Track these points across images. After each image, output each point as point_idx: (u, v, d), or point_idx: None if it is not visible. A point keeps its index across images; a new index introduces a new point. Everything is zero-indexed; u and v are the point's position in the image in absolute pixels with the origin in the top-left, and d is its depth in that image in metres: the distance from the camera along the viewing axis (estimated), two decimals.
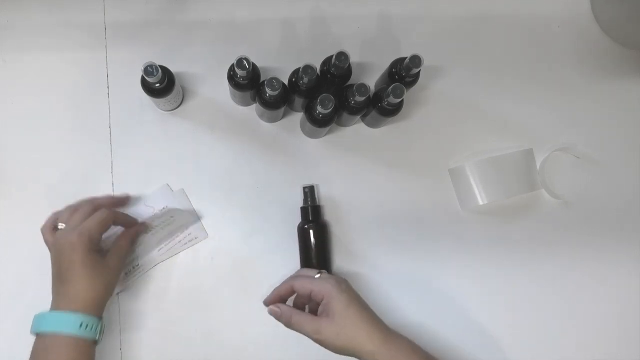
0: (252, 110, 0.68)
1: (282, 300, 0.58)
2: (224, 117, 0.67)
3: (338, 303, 0.52)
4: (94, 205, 0.58)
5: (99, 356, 0.63)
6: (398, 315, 0.66)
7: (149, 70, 0.55)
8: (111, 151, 0.65)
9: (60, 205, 0.64)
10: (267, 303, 0.58)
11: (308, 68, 0.56)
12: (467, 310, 0.67)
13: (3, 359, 0.62)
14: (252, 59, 0.57)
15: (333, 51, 0.58)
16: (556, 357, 0.68)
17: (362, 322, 0.52)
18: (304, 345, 0.65)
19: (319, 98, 0.56)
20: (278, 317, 0.56)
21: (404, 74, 0.61)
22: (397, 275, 0.67)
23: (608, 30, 0.74)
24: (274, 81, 0.56)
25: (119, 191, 0.65)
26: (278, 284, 0.58)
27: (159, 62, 0.56)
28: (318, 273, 0.57)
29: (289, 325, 0.55)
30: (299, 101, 0.63)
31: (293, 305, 0.59)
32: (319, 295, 0.54)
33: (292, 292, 0.57)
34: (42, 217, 0.64)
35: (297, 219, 0.65)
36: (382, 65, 0.66)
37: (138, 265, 0.64)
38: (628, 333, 0.70)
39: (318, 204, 0.66)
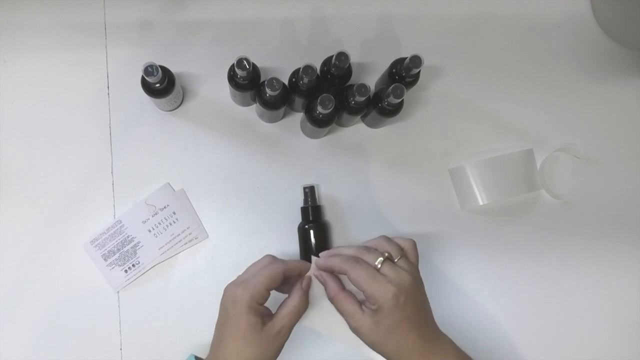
0: (252, 110, 0.68)
1: (332, 271, 0.50)
2: (224, 117, 0.68)
3: (388, 319, 0.46)
4: (271, 260, 0.51)
5: (99, 356, 0.63)
6: None
7: (149, 70, 0.55)
8: (111, 151, 0.65)
9: (59, 205, 0.64)
10: (319, 266, 0.50)
11: (308, 68, 0.56)
12: (467, 310, 0.67)
13: (2, 359, 0.62)
14: (252, 59, 0.57)
15: (333, 51, 0.58)
16: (556, 357, 0.68)
17: (408, 338, 0.47)
18: (303, 344, 0.65)
19: (319, 98, 0.56)
20: (322, 283, 0.50)
21: (404, 74, 0.61)
22: None
23: (608, 30, 0.74)
24: (274, 81, 0.56)
25: (119, 191, 0.65)
26: None
27: (159, 62, 0.56)
28: (381, 258, 0.48)
29: (330, 300, 0.49)
30: (299, 101, 0.63)
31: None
32: (371, 300, 0.47)
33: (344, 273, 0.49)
34: (42, 217, 0.64)
35: (297, 219, 0.65)
36: (382, 65, 0.66)
37: (138, 264, 0.64)
38: (628, 332, 0.70)
39: (318, 203, 0.66)
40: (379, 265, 0.48)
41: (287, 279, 0.51)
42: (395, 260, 0.49)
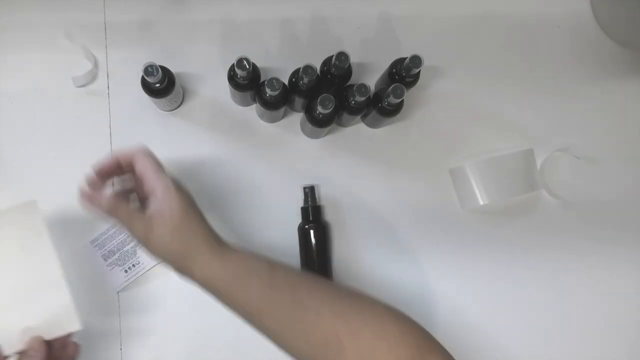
0: (252, 110, 0.68)
1: (107, 174, 0.51)
2: (224, 117, 0.68)
3: (174, 201, 0.46)
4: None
5: (99, 357, 0.63)
6: None
7: (149, 70, 0.55)
8: (111, 151, 0.65)
9: (59, 205, 0.64)
10: (89, 181, 0.50)
11: (308, 68, 0.56)
12: (467, 310, 0.67)
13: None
14: (252, 59, 0.57)
15: (333, 51, 0.58)
16: (555, 357, 0.68)
17: (198, 227, 0.47)
18: None
19: (319, 98, 0.56)
20: (91, 202, 0.49)
21: (404, 74, 0.61)
22: (397, 275, 0.67)
23: (608, 30, 0.74)
24: (274, 81, 0.56)
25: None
26: None
27: (159, 62, 0.56)
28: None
29: (110, 213, 0.48)
30: (299, 101, 0.63)
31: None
32: (154, 187, 0.47)
33: (122, 168, 0.50)
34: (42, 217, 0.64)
35: (297, 219, 0.65)
36: (382, 65, 0.66)
37: (138, 264, 0.64)
38: (627, 332, 0.70)
39: (318, 204, 0.66)
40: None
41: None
42: None
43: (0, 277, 0.49)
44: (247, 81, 0.59)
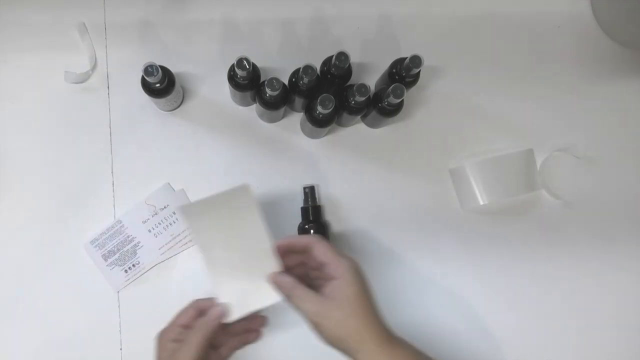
0: (252, 110, 0.68)
1: (290, 251, 0.52)
2: (224, 117, 0.68)
3: (352, 287, 0.46)
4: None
5: (99, 356, 0.63)
6: (398, 314, 0.66)
7: (149, 70, 0.55)
8: (111, 151, 0.65)
9: (59, 205, 0.64)
10: (279, 247, 0.51)
11: (308, 68, 0.56)
12: (467, 310, 0.67)
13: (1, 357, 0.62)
14: (252, 59, 0.57)
15: (333, 51, 0.58)
16: (556, 357, 0.68)
17: (370, 316, 0.47)
18: (304, 344, 0.65)
19: (319, 98, 0.56)
20: (279, 286, 0.49)
21: (404, 74, 0.61)
22: (397, 275, 0.67)
23: (608, 30, 0.74)
24: (274, 81, 0.56)
25: (119, 191, 0.65)
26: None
27: (159, 62, 0.56)
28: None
29: (288, 298, 0.49)
30: (299, 101, 0.63)
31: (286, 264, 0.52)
32: (332, 272, 0.47)
33: (304, 251, 0.50)
34: (42, 217, 0.64)
35: (297, 219, 0.65)
36: (382, 65, 0.66)
37: (138, 264, 0.64)
38: (628, 332, 0.70)
39: (318, 203, 0.66)
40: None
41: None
42: None
43: (219, 248, 0.51)
44: (247, 81, 0.59)
